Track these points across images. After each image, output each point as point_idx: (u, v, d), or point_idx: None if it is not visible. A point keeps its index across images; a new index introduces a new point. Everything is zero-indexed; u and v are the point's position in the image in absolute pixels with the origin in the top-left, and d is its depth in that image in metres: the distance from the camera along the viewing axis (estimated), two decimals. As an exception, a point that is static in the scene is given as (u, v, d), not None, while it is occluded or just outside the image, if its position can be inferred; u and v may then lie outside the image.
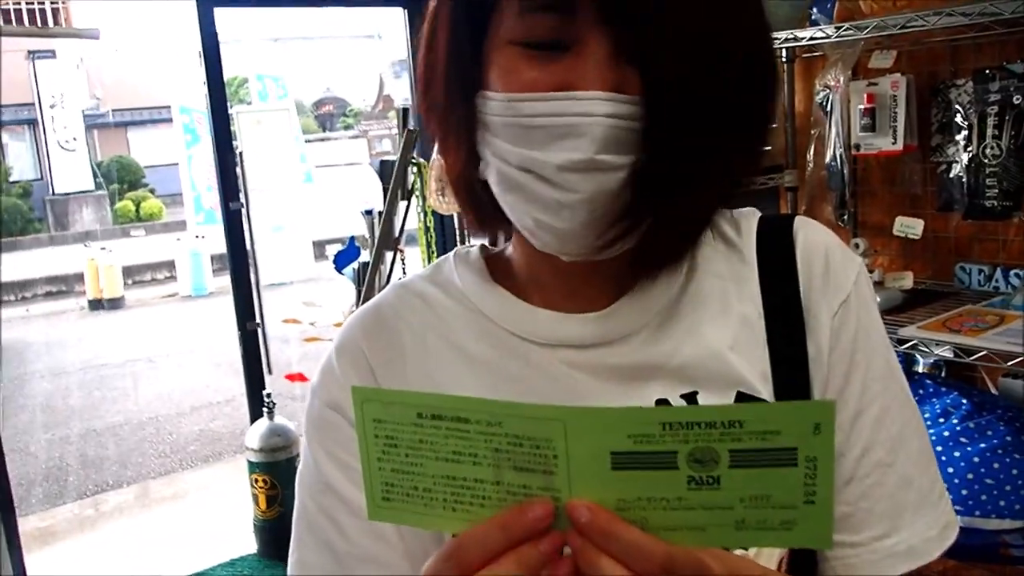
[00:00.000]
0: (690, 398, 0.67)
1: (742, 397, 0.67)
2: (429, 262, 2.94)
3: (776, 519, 0.48)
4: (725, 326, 0.69)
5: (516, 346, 0.69)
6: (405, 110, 2.81)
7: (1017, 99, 1.91)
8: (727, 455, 0.47)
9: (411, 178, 2.85)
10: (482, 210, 0.68)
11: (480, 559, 0.49)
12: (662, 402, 0.67)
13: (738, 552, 0.60)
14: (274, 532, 3.35)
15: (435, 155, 2.94)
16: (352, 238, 3.26)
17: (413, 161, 2.76)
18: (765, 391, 0.68)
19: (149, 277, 11.41)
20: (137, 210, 15.96)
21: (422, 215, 2.84)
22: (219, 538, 3.70)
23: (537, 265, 0.69)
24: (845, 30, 1.83)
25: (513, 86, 0.60)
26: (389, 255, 2.93)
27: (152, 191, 16.83)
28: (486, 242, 0.77)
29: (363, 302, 2.92)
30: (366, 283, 2.87)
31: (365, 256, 3.09)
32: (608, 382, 0.68)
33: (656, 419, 0.47)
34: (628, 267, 0.67)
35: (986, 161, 1.96)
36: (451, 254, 0.77)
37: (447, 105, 0.65)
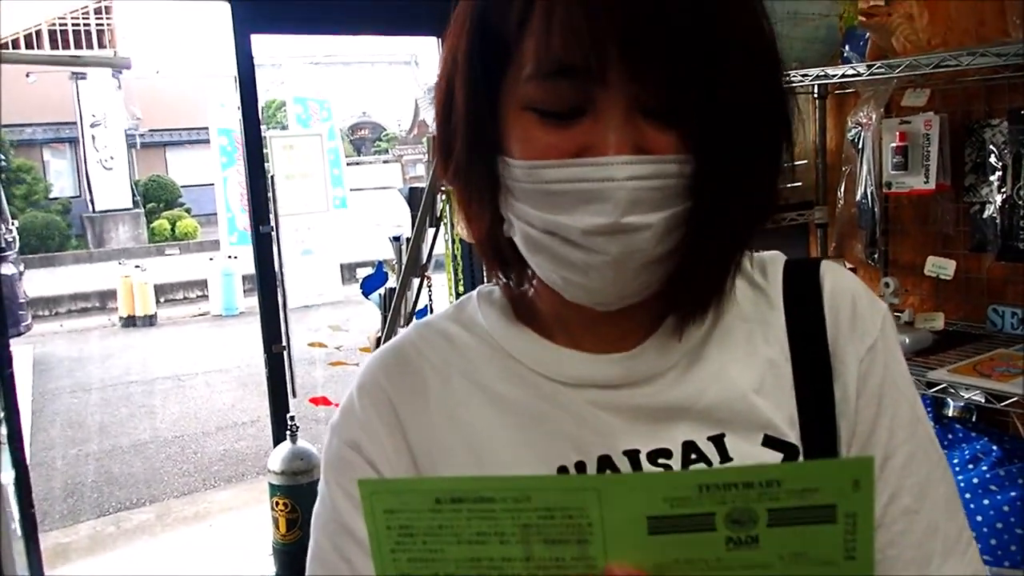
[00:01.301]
0: (718, 440, 0.67)
1: (769, 440, 0.67)
2: (456, 290, 2.95)
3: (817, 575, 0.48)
4: (751, 368, 0.69)
5: (542, 386, 0.70)
6: (434, 138, 2.83)
7: (1060, 140, 1.88)
8: (765, 514, 0.47)
9: (439, 205, 2.87)
10: (509, 266, 0.69)
11: None
12: (689, 444, 0.67)
13: None
14: (293, 556, 3.35)
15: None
16: (380, 263, 3.28)
17: (443, 188, 2.78)
18: (792, 435, 0.68)
19: (181, 296, 11.56)
20: (173, 229, 16.20)
21: (450, 242, 2.86)
22: (238, 560, 3.70)
23: (563, 308, 0.68)
24: (877, 68, 1.81)
25: (533, 152, 0.61)
26: (415, 281, 2.95)
27: (188, 211, 17.08)
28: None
29: (387, 327, 2.93)
30: (392, 308, 2.89)
31: (392, 282, 3.11)
32: (635, 423, 0.68)
33: (693, 482, 0.47)
34: (655, 308, 0.67)
35: (1020, 202, 1.93)
36: (474, 293, 0.77)
37: (469, 169, 0.65)
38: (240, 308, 9.91)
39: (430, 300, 2.99)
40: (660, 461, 0.67)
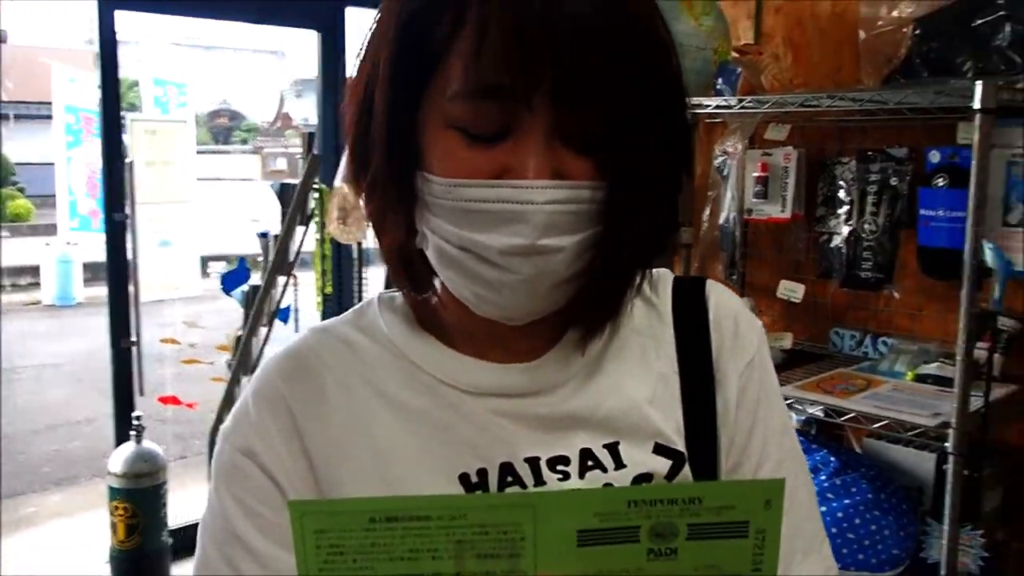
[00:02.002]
0: (612, 448, 0.70)
1: (659, 448, 0.71)
2: (323, 290, 2.90)
3: None
4: (645, 381, 0.73)
5: (445, 394, 0.70)
6: (311, 135, 2.79)
7: (894, 180, 2.05)
8: (686, 528, 0.51)
9: (311, 203, 2.82)
10: (416, 278, 0.69)
11: None
12: (585, 451, 0.70)
13: None
14: (132, 563, 3.18)
15: (338, 182, 2.91)
16: (242, 259, 3.19)
17: (315, 187, 2.74)
18: (680, 443, 0.72)
19: (10, 283, 10.77)
20: (0, 209, 15.09)
21: (319, 242, 2.81)
22: (71, 568, 3.49)
23: (468, 319, 0.69)
24: (747, 103, 1.93)
25: (454, 171, 0.61)
26: (281, 280, 2.88)
27: (22, 190, 15.94)
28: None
29: (250, 326, 2.86)
30: (256, 306, 2.81)
31: (255, 278, 3.03)
32: (535, 431, 0.70)
33: (624, 497, 0.50)
34: (557, 321, 0.69)
35: (864, 235, 2.09)
36: (374, 299, 0.77)
37: (388, 182, 0.65)
38: (78, 298, 9.33)
39: (295, 299, 2.93)
40: (559, 468, 0.69)
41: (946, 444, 1.61)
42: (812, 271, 2.23)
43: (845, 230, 2.13)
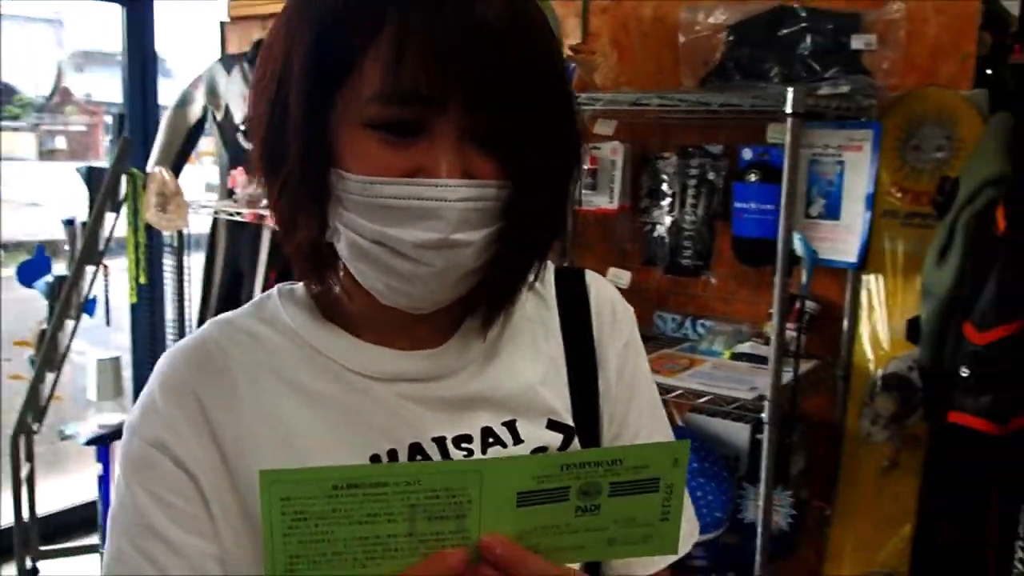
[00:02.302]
0: (510, 425, 0.77)
1: (552, 424, 0.78)
2: (138, 279, 2.75)
3: (639, 535, 0.60)
4: (537, 364, 0.80)
5: (353, 381, 0.73)
6: (121, 116, 2.63)
7: (711, 175, 2.22)
8: (608, 487, 0.57)
9: (123, 189, 2.66)
10: (324, 270, 0.72)
11: None
12: (486, 429, 0.76)
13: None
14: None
15: (154, 167, 2.77)
16: (41, 248, 2.95)
17: (129, 172, 2.59)
18: (569, 418, 0.79)
19: None
20: None
21: (133, 229, 2.66)
22: None
23: (373, 309, 0.72)
24: (583, 99, 2.03)
25: (370, 169, 0.65)
26: (90, 270, 2.70)
27: None
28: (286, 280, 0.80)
29: (56, 318, 2.66)
30: (63, 298, 2.62)
31: (59, 269, 2.82)
32: (440, 412, 0.74)
33: (558, 462, 0.56)
34: (457, 310, 0.74)
35: (684, 226, 2.26)
36: (274, 292, 0.79)
37: (301, 179, 0.67)
38: None
39: (106, 289, 2.76)
40: (463, 445, 0.75)
41: (762, 415, 1.78)
42: (637, 259, 2.37)
43: (668, 220, 2.28)
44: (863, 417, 1.98)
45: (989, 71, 1.92)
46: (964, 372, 1.56)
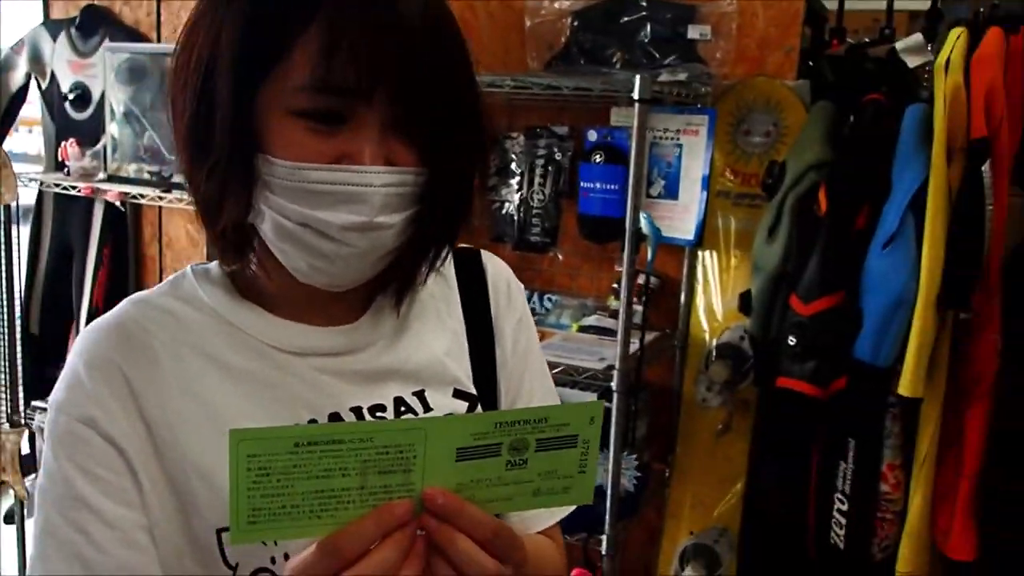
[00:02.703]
0: (420, 394, 0.82)
1: (457, 392, 0.84)
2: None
3: (559, 486, 0.66)
4: (442, 337, 0.86)
5: (271, 355, 0.77)
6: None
7: (558, 155, 2.31)
8: (534, 443, 0.63)
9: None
10: (244, 249, 0.75)
11: (358, 550, 0.59)
12: (398, 399, 0.81)
13: None
14: None
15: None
16: None
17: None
18: (471, 387, 0.85)
19: None
20: None
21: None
22: None
23: (290, 287, 0.76)
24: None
25: (296, 155, 0.68)
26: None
27: None
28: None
29: None
30: None
31: None
32: (353, 384, 0.79)
33: (492, 421, 0.62)
34: (370, 288, 0.79)
35: (533, 204, 2.33)
36: (187, 271, 0.82)
37: (228, 165, 0.70)
38: None
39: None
40: (378, 414, 0.79)
41: (611, 384, 1.89)
42: (485, 235, 2.43)
43: (516, 199, 2.35)
44: (699, 384, 2.13)
45: (811, 63, 2.08)
46: (791, 341, 1.71)
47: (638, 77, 1.81)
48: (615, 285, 2.30)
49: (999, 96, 1.61)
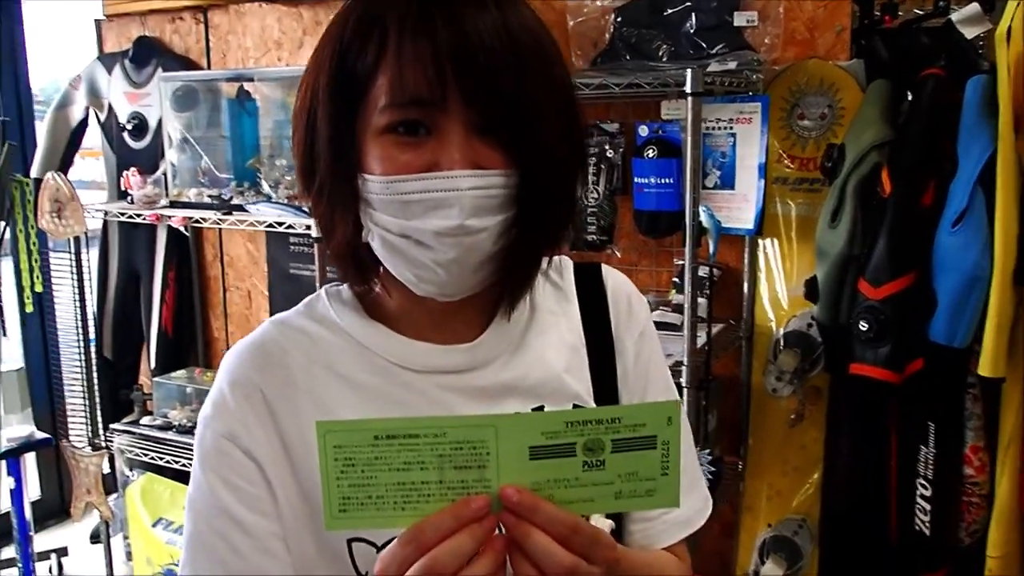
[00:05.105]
0: (539, 410, 0.82)
1: (577, 409, 0.84)
2: (33, 287, 2.64)
3: (642, 489, 0.65)
4: (561, 353, 0.86)
5: (398, 374, 0.80)
6: (4, 122, 2.50)
7: (610, 153, 2.30)
8: (610, 443, 0.63)
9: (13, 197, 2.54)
10: (364, 270, 0.79)
11: (436, 539, 0.62)
12: (539, 410, 0.81)
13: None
14: None
15: (42, 172, 2.65)
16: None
17: (15, 179, 2.47)
18: (591, 403, 0.86)
19: None
20: None
21: (24, 237, 2.55)
22: None
23: (411, 305, 0.80)
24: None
25: (390, 169, 0.72)
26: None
27: None
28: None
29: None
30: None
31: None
32: (475, 400, 0.81)
33: (562, 420, 0.63)
34: (487, 305, 0.81)
35: (587, 203, 2.33)
36: (322, 293, 0.86)
37: (332, 188, 0.75)
38: None
39: (0, 300, 2.64)
40: None
41: (680, 380, 1.87)
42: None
43: (571, 199, 2.34)
44: (768, 374, 2.11)
45: (863, 41, 2.04)
46: (862, 326, 1.68)
47: (689, 70, 1.79)
48: (675, 279, 2.29)
49: (1064, 62, 1.56)
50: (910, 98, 1.81)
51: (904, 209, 1.68)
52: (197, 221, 2.55)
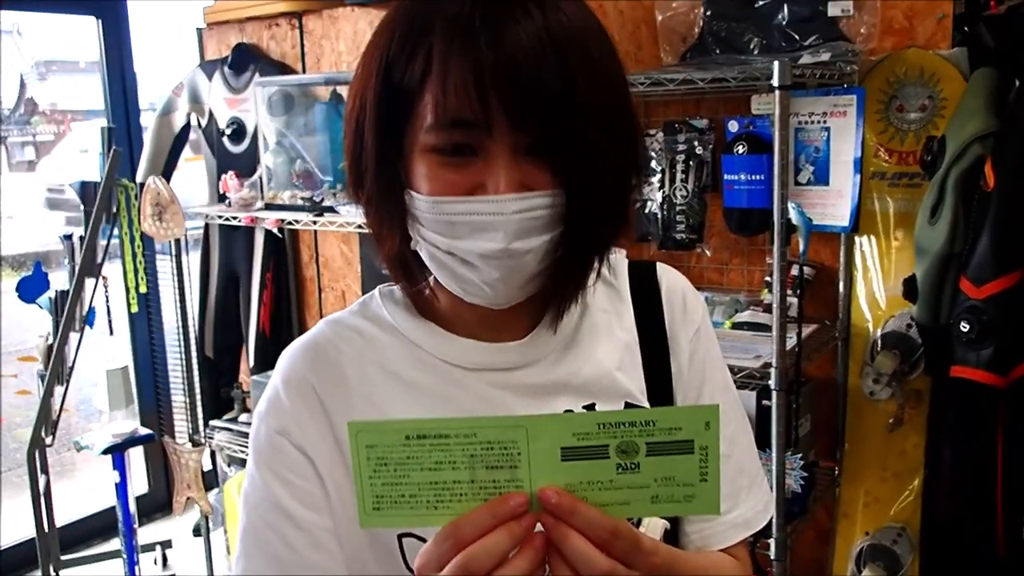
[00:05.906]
0: (590, 408, 0.82)
1: (629, 406, 0.83)
2: (138, 289, 2.76)
3: (680, 494, 0.64)
4: (613, 351, 0.85)
5: (448, 372, 0.81)
6: (110, 129, 2.62)
7: (699, 149, 2.25)
8: (645, 446, 0.62)
9: (118, 201, 2.66)
10: (413, 275, 0.80)
11: (473, 535, 0.61)
12: (568, 412, 0.81)
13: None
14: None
15: (145, 177, 2.77)
16: (38, 264, 2.95)
17: (120, 184, 2.59)
18: (644, 401, 0.85)
19: None
20: None
21: (129, 240, 2.66)
22: None
23: (460, 306, 0.80)
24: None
25: (436, 189, 0.72)
26: (90, 282, 2.71)
27: None
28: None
29: (61, 332, 2.67)
30: (67, 312, 2.63)
31: (58, 283, 2.82)
32: (525, 398, 0.81)
33: (594, 421, 0.62)
34: (537, 303, 0.80)
35: (676, 201, 2.29)
36: (375, 292, 0.87)
37: (380, 201, 0.76)
38: None
39: (107, 300, 2.77)
40: None
41: (769, 382, 1.82)
42: (631, 236, 2.40)
43: (659, 197, 2.31)
44: (865, 376, 2.03)
45: (966, 28, 1.95)
46: (964, 327, 1.60)
47: (776, 63, 1.74)
48: (767, 279, 2.23)
49: None
50: (1017, 86, 1.72)
51: (1009, 203, 1.59)
52: (290, 223, 2.61)
